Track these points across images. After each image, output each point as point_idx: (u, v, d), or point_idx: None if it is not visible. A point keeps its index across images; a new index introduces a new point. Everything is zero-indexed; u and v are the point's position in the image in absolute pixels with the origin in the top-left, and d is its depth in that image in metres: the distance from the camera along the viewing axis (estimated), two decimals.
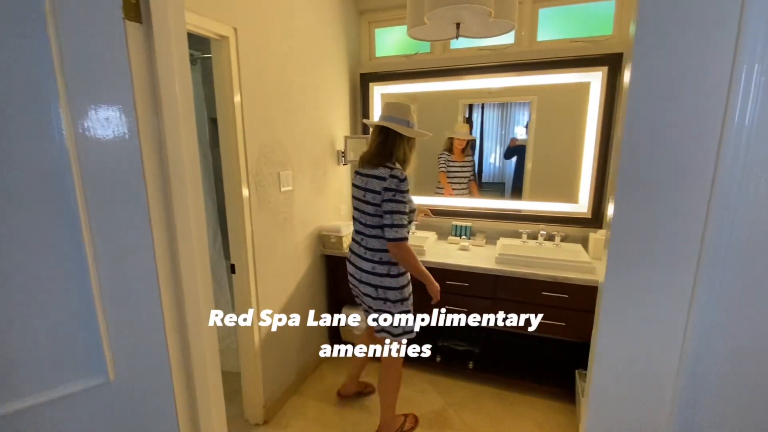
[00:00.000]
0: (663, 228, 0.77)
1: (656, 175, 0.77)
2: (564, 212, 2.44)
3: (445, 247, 2.45)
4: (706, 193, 0.74)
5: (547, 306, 2.02)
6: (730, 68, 0.71)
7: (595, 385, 0.86)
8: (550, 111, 2.46)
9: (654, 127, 0.77)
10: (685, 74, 0.73)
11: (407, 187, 1.53)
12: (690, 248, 0.76)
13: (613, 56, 2.15)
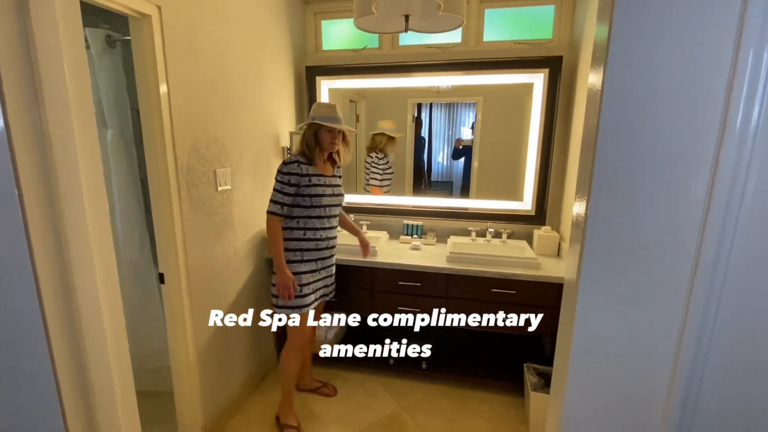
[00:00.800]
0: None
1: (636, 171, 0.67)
2: (510, 210, 2.51)
3: (397, 246, 2.40)
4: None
5: (497, 302, 2.05)
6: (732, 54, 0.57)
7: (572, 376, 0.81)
8: (494, 112, 2.51)
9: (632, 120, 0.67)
10: (671, 62, 0.61)
11: (287, 171, 1.70)
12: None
13: (554, 59, 2.23)
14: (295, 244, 1.77)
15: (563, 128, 2.32)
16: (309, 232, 1.78)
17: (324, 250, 1.85)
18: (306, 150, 1.76)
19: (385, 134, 2.67)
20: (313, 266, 1.82)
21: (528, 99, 2.39)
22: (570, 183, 2.22)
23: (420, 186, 2.74)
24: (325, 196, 1.78)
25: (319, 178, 1.77)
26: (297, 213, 1.75)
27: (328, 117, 1.73)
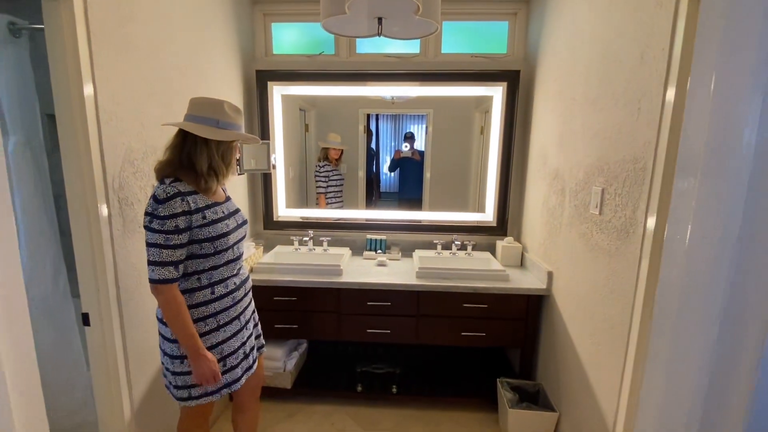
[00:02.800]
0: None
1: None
2: (473, 221, 2.50)
3: (362, 263, 2.26)
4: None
5: (469, 317, 2.00)
6: None
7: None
8: (445, 123, 2.52)
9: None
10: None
11: (169, 213, 1.11)
12: None
13: (511, 73, 2.27)
14: (204, 309, 1.22)
15: (521, 141, 2.37)
16: (219, 287, 1.25)
17: (242, 299, 1.35)
18: (204, 175, 1.20)
19: (332, 148, 2.58)
20: (236, 326, 1.31)
21: (473, 112, 2.47)
22: (530, 194, 2.26)
23: (371, 198, 2.66)
24: (230, 233, 1.26)
25: (216, 210, 1.24)
26: (195, 267, 1.21)
27: (232, 124, 1.24)
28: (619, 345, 1.34)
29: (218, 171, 1.23)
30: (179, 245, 1.15)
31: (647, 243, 1.20)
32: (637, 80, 1.26)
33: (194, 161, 1.19)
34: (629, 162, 1.30)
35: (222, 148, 1.23)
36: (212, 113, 1.21)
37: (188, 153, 1.19)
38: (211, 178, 1.22)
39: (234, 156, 1.29)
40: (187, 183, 1.19)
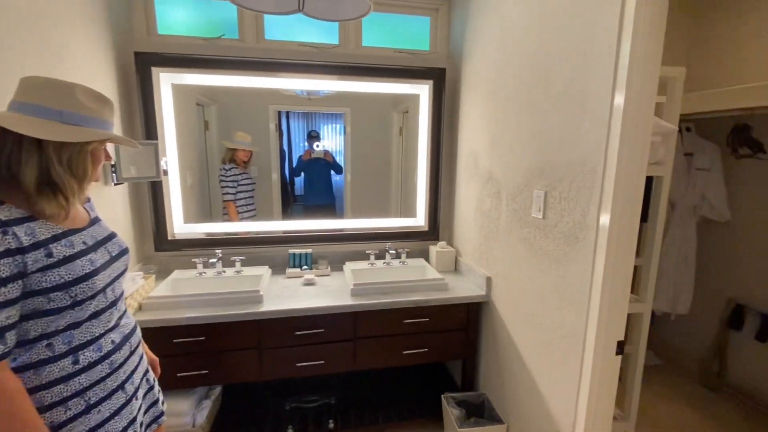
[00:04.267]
0: None
1: None
2: (404, 227, 2.35)
3: (286, 284, 1.94)
4: None
5: (410, 334, 1.83)
6: None
7: None
8: (364, 124, 2.33)
9: None
10: None
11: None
12: None
13: (437, 71, 2.17)
14: (63, 389, 0.83)
15: (449, 142, 2.29)
16: (87, 353, 0.86)
17: (127, 361, 0.96)
18: (31, 189, 0.79)
19: (241, 149, 2.21)
20: (118, 401, 0.92)
21: (393, 112, 2.34)
22: (461, 197, 2.19)
23: (287, 206, 2.36)
24: (98, 273, 0.88)
25: (72, 242, 0.86)
26: (42, 328, 0.81)
27: (87, 118, 0.85)
28: (573, 355, 1.28)
29: (62, 186, 0.83)
30: (5, 303, 0.74)
31: (600, 249, 1.15)
32: (580, 79, 1.21)
33: (16, 173, 0.78)
34: (576, 164, 1.24)
35: (67, 154, 0.83)
36: (54, 101, 0.81)
37: (8, 160, 0.78)
38: (45, 198, 0.81)
39: (90, 163, 0.89)
40: (14, 205, 0.79)
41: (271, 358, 1.69)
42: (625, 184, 1.10)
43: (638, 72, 1.04)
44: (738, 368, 2.31)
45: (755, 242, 2.20)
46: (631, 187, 1.10)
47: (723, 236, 2.36)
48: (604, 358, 1.20)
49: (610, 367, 1.22)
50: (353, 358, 1.79)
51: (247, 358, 1.68)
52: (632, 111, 1.05)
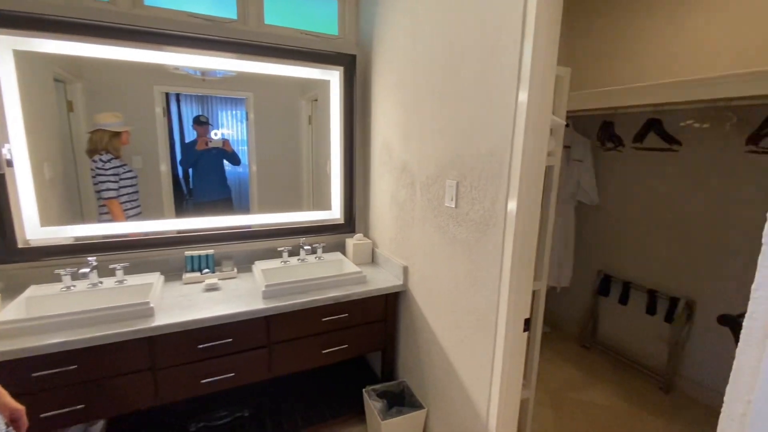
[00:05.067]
0: None
1: None
2: (319, 221, 2.25)
3: (184, 292, 1.70)
4: None
5: (329, 332, 1.76)
6: None
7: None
8: (269, 111, 2.16)
9: None
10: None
11: None
12: None
13: (347, 57, 2.09)
14: None
15: (362, 131, 2.24)
16: None
17: None
18: None
19: (105, 130, 1.82)
20: None
21: (301, 100, 2.21)
22: (376, 187, 2.17)
23: (182, 202, 2.07)
24: None
25: None
26: None
27: None
28: (486, 336, 1.35)
29: None
30: None
31: (509, 234, 1.22)
32: (488, 73, 1.25)
33: None
34: (485, 155, 1.30)
35: None
36: None
37: None
38: None
39: None
40: None
41: (170, 379, 1.47)
42: (529, 174, 1.17)
43: (540, 70, 1.10)
44: (606, 328, 2.75)
45: (618, 222, 2.62)
46: (534, 176, 1.18)
47: (594, 218, 2.76)
48: (514, 335, 1.29)
49: (518, 343, 1.31)
50: (268, 366, 1.65)
51: (137, 383, 1.42)
52: (535, 105, 1.12)
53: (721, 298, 2.11)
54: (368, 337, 1.88)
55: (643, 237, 2.47)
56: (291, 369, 1.71)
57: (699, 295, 2.21)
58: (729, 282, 2.07)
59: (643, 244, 2.48)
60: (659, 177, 2.34)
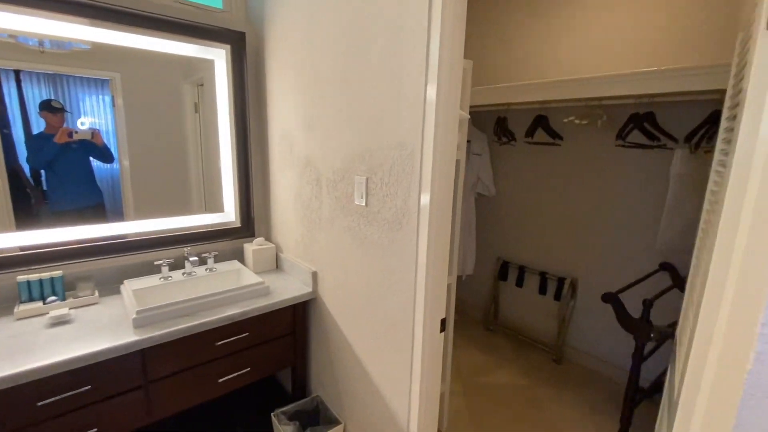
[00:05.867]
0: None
1: None
2: (210, 225, 1.93)
3: (17, 331, 1.27)
4: None
5: (226, 356, 1.51)
6: None
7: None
8: (144, 96, 1.78)
9: None
10: None
11: None
12: None
13: (235, 34, 1.81)
14: None
15: (258, 122, 1.99)
16: None
17: None
18: None
19: None
20: None
21: (184, 83, 1.87)
22: (277, 185, 1.94)
23: (30, 210, 1.59)
24: None
25: None
26: None
27: None
28: (403, 341, 1.27)
29: None
30: None
31: (423, 233, 1.15)
32: (395, 59, 1.15)
33: None
34: (394, 149, 1.20)
35: None
36: None
37: None
38: None
39: None
40: None
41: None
42: (441, 168, 1.11)
43: (447, 60, 1.03)
44: (506, 310, 2.96)
45: (513, 212, 2.82)
46: (446, 170, 1.12)
47: (492, 208, 2.94)
48: (431, 338, 1.23)
49: (436, 345, 1.26)
50: (147, 410, 1.33)
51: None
52: (445, 96, 1.06)
53: (597, 275, 2.41)
54: (275, 354, 1.67)
55: (535, 224, 2.69)
56: (179, 407, 1.42)
57: (581, 274, 2.49)
58: (603, 261, 2.37)
59: (535, 231, 2.70)
60: (547, 169, 2.56)
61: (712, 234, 0.73)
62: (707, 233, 0.92)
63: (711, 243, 0.71)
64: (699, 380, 0.69)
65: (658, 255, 2.06)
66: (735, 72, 0.95)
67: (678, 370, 0.91)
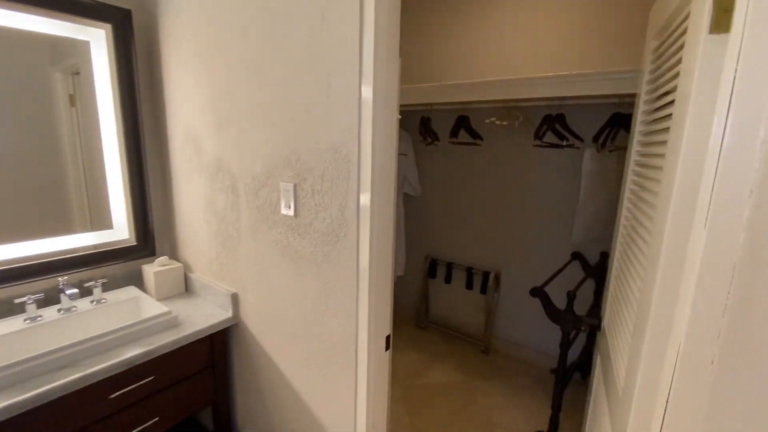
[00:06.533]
0: None
1: None
2: (98, 245, 1.57)
3: None
4: None
5: (125, 409, 1.22)
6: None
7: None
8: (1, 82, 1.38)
9: None
10: None
11: None
12: None
13: (117, 11, 1.48)
14: None
15: (154, 118, 1.67)
16: None
17: None
18: None
19: None
20: None
21: (54, 71, 1.48)
22: (182, 193, 1.65)
23: None
24: None
25: None
26: None
27: None
28: (346, 366, 1.15)
29: None
30: None
31: (364, 244, 1.03)
32: (320, 48, 1.01)
33: None
34: (326, 151, 1.06)
35: None
36: None
37: None
38: None
39: None
40: None
41: None
42: (382, 174, 1.00)
43: (385, 54, 0.93)
44: (435, 306, 3.00)
45: (439, 210, 2.85)
46: (386, 176, 1.02)
47: (419, 208, 2.94)
48: (377, 358, 1.13)
49: (382, 365, 1.16)
50: None
51: None
52: (383, 93, 0.95)
53: (519, 267, 2.54)
54: (190, 395, 1.41)
55: (461, 222, 2.76)
56: None
57: (503, 267, 2.62)
58: (524, 253, 2.51)
59: (460, 228, 2.77)
60: (471, 168, 2.63)
61: (656, 235, 0.74)
62: (635, 229, 0.96)
63: (657, 243, 0.72)
64: (657, 376, 0.69)
65: (573, 246, 2.24)
66: (650, 78, 1.01)
67: (620, 363, 0.93)
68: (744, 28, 0.53)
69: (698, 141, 0.61)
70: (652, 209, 0.82)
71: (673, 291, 0.66)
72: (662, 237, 0.68)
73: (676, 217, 0.65)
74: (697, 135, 0.61)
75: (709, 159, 0.58)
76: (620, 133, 1.86)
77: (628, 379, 0.82)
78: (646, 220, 0.87)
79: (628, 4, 1.88)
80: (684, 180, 0.64)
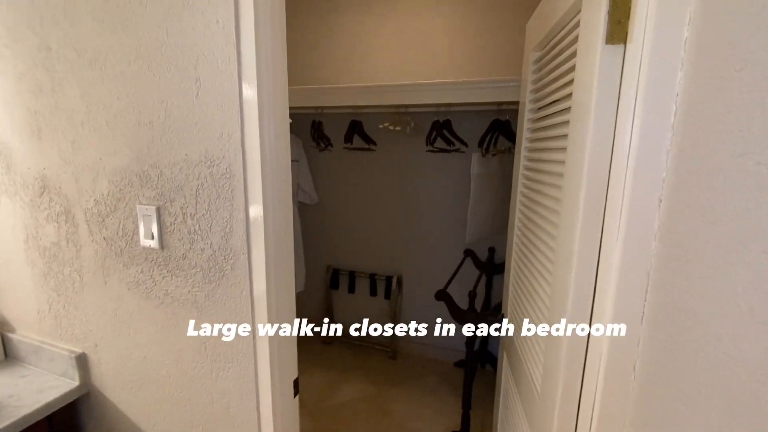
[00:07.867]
0: None
1: None
2: None
3: None
4: None
5: None
6: None
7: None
8: None
9: None
10: None
11: None
12: None
13: None
14: None
15: None
16: None
17: None
18: None
19: None
20: None
21: None
22: None
23: None
24: None
25: None
26: None
27: None
28: (244, 425, 0.94)
29: None
30: None
31: (258, 276, 0.85)
32: (182, 30, 0.79)
33: None
34: (199, 164, 0.84)
35: None
36: None
37: None
38: None
39: None
40: None
41: None
42: (275, 188, 0.83)
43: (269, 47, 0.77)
44: (340, 318, 2.88)
45: (337, 218, 2.73)
46: (281, 191, 0.85)
47: (317, 216, 2.78)
48: (283, 408, 0.95)
49: (290, 415, 0.98)
50: None
51: None
52: (269, 91, 0.78)
53: (419, 269, 2.59)
54: None
55: (360, 228, 2.68)
56: None
57: (404, 271, 2.63)
58: (423, 255, 2.56)
59: (360, 235, 2.70)
60: (366, 173, 2.57)
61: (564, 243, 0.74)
62: (531, 230, 0.99)
63: (566, 253, 0.72)
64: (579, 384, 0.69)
65: (466, 245, 2.36)
66: (534, 88, 1.06)
67: (531, 364, 0.95)
68: (644, 36, 0.53)
69: (603, 150, 0.61)
70: (553, 214, 0.83)
71: (587, 298, 0.67)
72: (572, 248, 0.68)
73: (586, 223, 0.65)
74: (601, 143, 0.62)
75: (615, 168, 0.59)
76: (500, 138, 2.01)
77: (546, 384, 0.82)
78: (546, 224, 0.89)
79: (507, 18, 2.04)
80: (591, 190, 0.64)
